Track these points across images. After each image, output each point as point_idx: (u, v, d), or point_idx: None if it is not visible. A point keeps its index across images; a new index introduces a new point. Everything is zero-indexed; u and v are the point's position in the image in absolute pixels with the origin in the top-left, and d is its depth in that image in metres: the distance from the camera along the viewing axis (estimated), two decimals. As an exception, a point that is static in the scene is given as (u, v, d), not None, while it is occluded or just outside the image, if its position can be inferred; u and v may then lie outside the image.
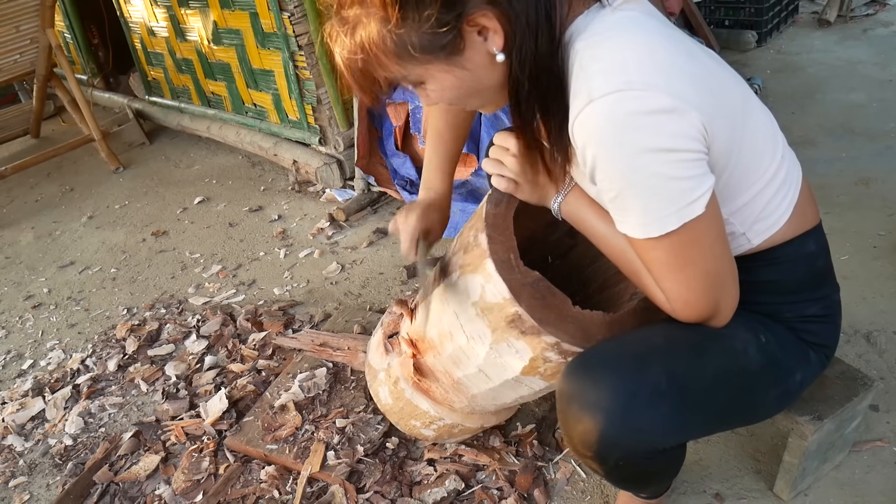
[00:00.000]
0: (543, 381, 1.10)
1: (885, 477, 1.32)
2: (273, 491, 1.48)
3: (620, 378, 0.90)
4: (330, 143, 2.82)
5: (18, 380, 2.06)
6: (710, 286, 0.89)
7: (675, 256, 0.86)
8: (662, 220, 0.83)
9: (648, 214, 0.83)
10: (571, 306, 1.00)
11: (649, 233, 0.84)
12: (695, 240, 0.85)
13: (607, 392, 0.89)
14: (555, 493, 1.40)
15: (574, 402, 0.91)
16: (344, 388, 1.70)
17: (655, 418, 0.90)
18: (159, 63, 3.62)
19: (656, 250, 0.86)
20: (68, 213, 3.25)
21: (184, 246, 2.71)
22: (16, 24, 3.18)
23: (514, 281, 0.99)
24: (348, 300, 2.15)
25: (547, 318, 0.98)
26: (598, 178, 0.84)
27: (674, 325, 0.95)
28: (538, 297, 0.99)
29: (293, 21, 2.51)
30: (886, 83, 2.99)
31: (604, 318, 1.01)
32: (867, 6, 3.98)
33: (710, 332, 0.96)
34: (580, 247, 1.32)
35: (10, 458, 1.75)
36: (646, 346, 0.95)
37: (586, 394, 0.90)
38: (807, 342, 1.05)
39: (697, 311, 0.90)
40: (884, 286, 1.79)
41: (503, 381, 1.12)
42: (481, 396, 1.22)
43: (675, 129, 0.78)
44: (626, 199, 0.84)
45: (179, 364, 1.94)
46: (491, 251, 1.01)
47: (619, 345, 0.96)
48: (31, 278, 2.69)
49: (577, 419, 0.91)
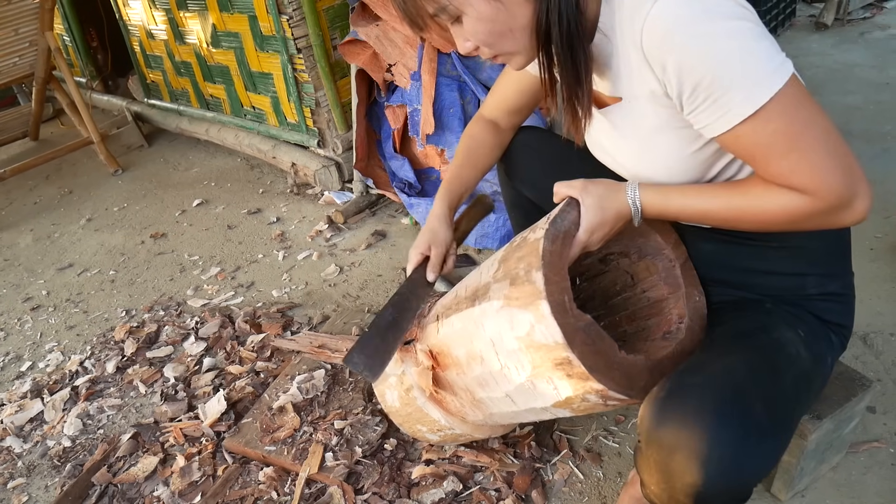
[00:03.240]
0: (571, 412, 1.08)
1: (881, 478, 1.33)
2: (271, 492, 1.48)
3: (727, 423, 0.84)
4: (328, 145, 2.83)
5: (17, 381, 2.06)
6: (835, 148, 0.84)
7: (792, 121, 0.83)
8: (767, 81, 0.81)
9: (751, 79, 0.81)
10: (618, 351, 0.99)
11: (758, 100, 0.82)
12: (800, 100, 0.83)
13: (717, 440, 0.83)
14: (552, 494, 1.40)
15: (679, 453, 0.85)
16: (342, 389, 1.70)
17: (763, 456, 0.86)
18: (158, 66, 3.63)
19: (771, 122, 0.83)
20: (67, 215, 3.25)
21: (182, 248, 2.72)
22: (15, 27, 3.19)
23: (567, 326, 0.96)
24: (347, 302, 2.15)
25: (597, 365, 0.96)
26: (688, 70, 0.83)
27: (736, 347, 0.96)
28: (589, 342, 0.97)
29: (292, 24, 2.52)
30: (883, 86, 3.00)
31: (646, 364, 1.00)
32: (864, 9, 4.00)
33: (771, 345, 0.96)
34: (611, 273, 1.29)
35: (9, 459, 1.75)
36: (733, 378, 0.90)
37: (693, 443, 0.84)
38: (828, 324, 1.07)
39: (837, 178, 0.85)
40: (881, 288, 1.80)
41: (529, 409, 1.11)
42: (500, 416, 1.20)
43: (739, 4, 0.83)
44: (724, 73, 0.82)
45: (178, 366, 1.95)
46: (547, 293, 0.97)
47: (707, 381, 0.90)
48: (29, 280, 2.69)
49: (683, 471, 0.85)
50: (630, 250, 1.23)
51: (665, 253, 1.16)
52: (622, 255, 1.26)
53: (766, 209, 0.91)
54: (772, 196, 0.90)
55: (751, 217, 0.94)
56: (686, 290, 1.12)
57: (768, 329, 1.01)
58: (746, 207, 0.93)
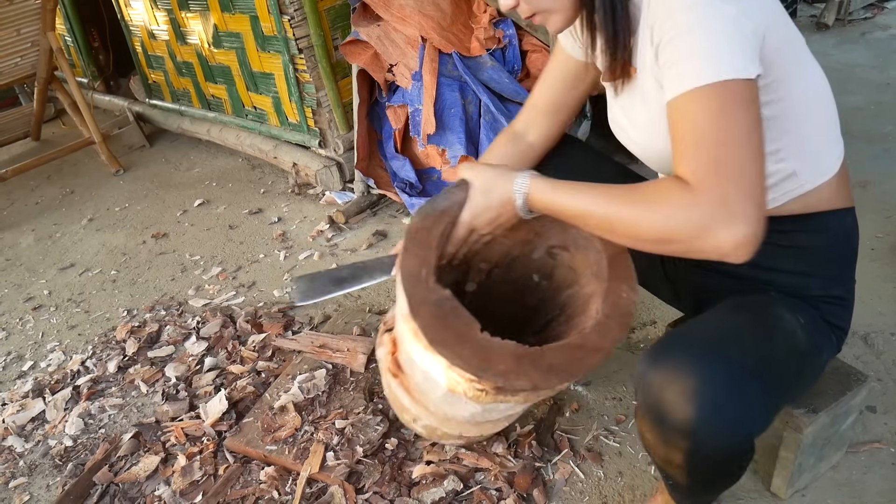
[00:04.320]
0: (472, 402, 1.05)
1: (882, 478, 1.33)
2: (272, 491, 1.48)
3: (714, 363, 0.86)
4: (330, 145, 2.83)
5: (19, 381, 2.06)
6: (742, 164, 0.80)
7: (717, 118, 0.81)
8: (720, 65, 0.81)
9: (710, 56, 0.81)
10: (478, 331, 0.97)
11: (703, 78, 0.81)
12: (738, 109, 0.81)
13: (705, 378, 0.85)
14: (553, 493, 1.40)
15: (669, 390, 0.87)
16: (343, 389, 1.71)
17: (750, 401, 0.87)
18: (160, 66, 3.64)
19: (703, 102, 0.81)
20: (68, 215, 3.26)
21: (184, 248, 2.72)
22: (17, 28, 3.19)
23: (416, 296, 0.98)
24: (348, 302, 2.16)
25: (442, 339, 0.95)
26: (670, 24, 0.85)
27: (730, 310, 0.97)
28: (439, 316, 0.97)
29: (293, 24, 2.52)
30: (884, 86, 3.00)
31: (515, 350, 0.96)
32: (865, 10, 3.99)
33: (768, 315, 0.97)
34: (559, 270, 1.27)
35: (11, 458, 1.75)
36: (721, 332, 0.93)
37: (682, 381, 0.86)
38: (828, 323, 1.07)
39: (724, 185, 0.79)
40: (881, 288, 1.80)
41: (442, 394, 1.08)
42: (439, 404, 1.17)
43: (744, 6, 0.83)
44: (695, 39, 0.83)
45: (179, 365, 1.95)
46: (402, 263, 1.00)
47: (696, 332, 0.94)
48: (31, 280, 2.69)
49: (673, 408, 0.87)
50: (568, 243, 1.20)
51: (594, 244, 1.11)
52: (563, 249, 1.22)
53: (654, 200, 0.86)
54: (654, 194, 0.86)
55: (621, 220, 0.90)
56: (609, 283, 1.06)
57: (768, 304, 1.02)
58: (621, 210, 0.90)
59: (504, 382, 0.93)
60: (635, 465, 1.44)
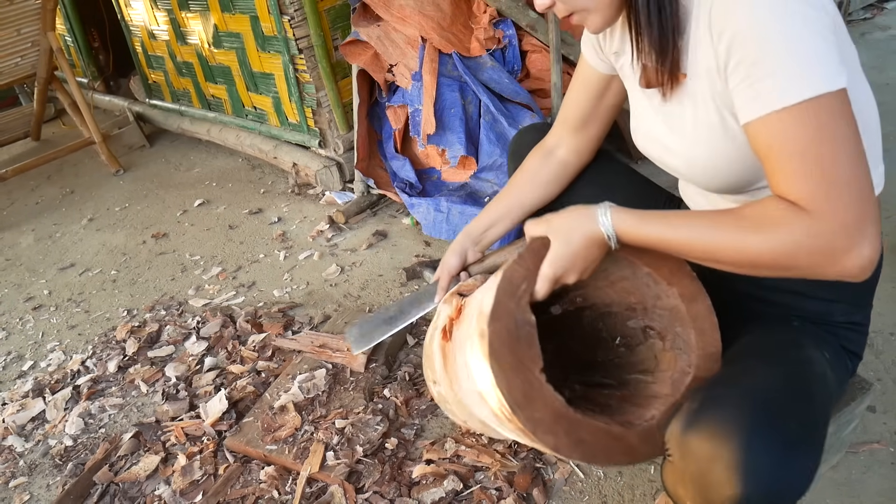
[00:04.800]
0: (493, 418, 1.02)
1: (882, 477, 1.33)
2: (272, 491, 1.48)
3: (766, 434, 0.80)
4: (330, 145, 2.83)
5: (19, 381, 2.06)
6: (857, 176, 0.75)
7: (821, 130, 0.75)
8: (809, 80, 0.75)
9: (795, 72, 0.75)
10: (537, 370, 0.92)
11: (791, 96, 0.75)
12: (840, 116, 0.75)
13: (756, 451, 0.79)
14: (553, 493, 1.40)
15: (717, 464, 0.80)
16: (343, 389, 1.71)
17: (801, 471, 0.82)
18: (160, 66, 3.64)
19: (798, 122, 0.76)
20: (68, 215, 3.26)
21: (184, 248, 2.72)
22: (17, 28, 3.20)
23: (503, 304, 0.93)
24: (348, 302, 2.16)
25: (502, 357, 0.90)
26: (739, 42, 0.79)
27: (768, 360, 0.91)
28: (513, 335, 0.92)
29: (293, 24, 2.53)
30: (884, 86, 3.00)
31: (558, 406, 0.91)
32: (865, 10, 4.00)
33: (802, 361, 0.92)
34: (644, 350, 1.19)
35: (11, 458, 1.75)
36: (768, 391, 0.86)
37: (729, 454, 0.79)
38: (846, 351, 1.05)
39: (846, 205, 0.74)
40: (880, 289, 1.78)
41: (473, 391, 1.05)
42: (466, 394, 1.15)
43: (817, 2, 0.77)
44: (773, 55, 0.76)
45: (179, 365, 1.95)
46: (507, 270, 0.95)
47: (742, 392, 0.86)
48: (31, 280, 2.69)
49: (722, 483, 0.80)
50: (667, 334, 1.12)
51: (691, 357, 1.04)
52: (659, 337, 1.14)
53: (759, 226, 0.81)
54: (764, 219, 0.81)
55: (737, 241, 0.83)
56: (679, 401, 1.00)
57: (798, 346, 0.97)
58: (734, 225, 0.84)
59: (531, 429, 0.89)
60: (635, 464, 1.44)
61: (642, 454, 0.94)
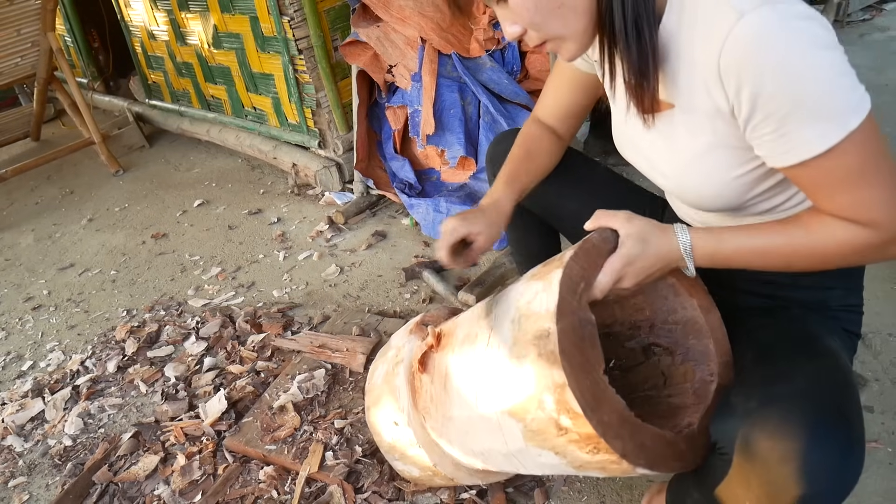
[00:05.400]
0: (521, 437, 0.98)
1: (880, 477, 1.33)
2: (272, 491, 1.48)
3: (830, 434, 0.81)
4: (329, 146, 2.84)
5: (18, 381, 2.07)
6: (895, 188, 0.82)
7: (863, 156, 0.80)
8: (843, 119, 0.77)
9: (828, 117, 0.77)
10: (601, 371, 0.90)
11: (831, 139, 0.78)
12: (873, 135, 0.80)
13: (822, 451, 0.80)
14: (552, 493, 1.40)
15: (785, 465, 0.80)
16: (342, 389, 1.71)
17: (858, 464, 0.83)
18: (159, 66, 3.64)
19: (843, 157, 0.79)
20: (68, 215, 3.26)
21: (183, 248, 2.72)
22: (17, 28, 3.20)
23: (566, 302, 0.90)
24: (347, 302, 2.16)
25: (570, 353, 0.88)
26: (766, 96, 0.78)
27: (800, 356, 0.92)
28: (577, 334, 0.90)
29: (293, 25, 2.53)
30: (882, 87, 3.01)
31: (622, 409, 0.89)
32: (864, 11, 4.01)
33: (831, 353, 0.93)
34: (646, 369, 1.19)
35: (10, 458, 1.76)
36: (821, 388, 0.86)
37: (799, 455, 0.79)
38: (848, 333, 1.07)
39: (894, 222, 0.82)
40: (878, 289, 1.81)
41: (486, 412, 1.03)
42: (457, 422, 1.13)
43: (826, 29, 0.77)
44: (801, 107, 0.77)
45: (179, 365, 1.95)
46: (567, 266, 0.92)
47: (798, 391, 0.86)
48: (30, 280, 2.69)
49: (789, 483, 0.80)
50: (677, 349, 1.12)
51: (710, 366, 1.05)
52: (667, 352, 1.14)
53: (827, 244, 0.87)
54: (832, 230, 0.86)
55: (809, 253, 0.88)
56: (710, 406, 0.99)
57: (819, 337, 0.98)
58: (807, 243, 0.88)
59: (602, 432, 0.86)
60: (633, 464, 1.44)
61: (691, 460, 0.93)
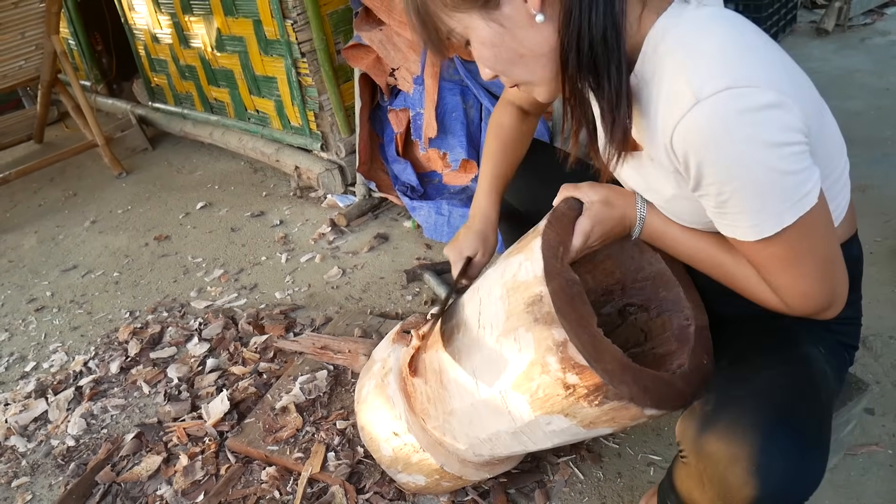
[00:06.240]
0: (529, 409, 1.01)
1: (880, 479, 1.34)
2: (274, 491, 1.49)
3: (783, 435, 0.82)
4: (332, 149, 2.85)
5: (21, 381, 2.07)
6: (826, 274, 0.87)
7: (791, 251, 0.84)
8: (778, 217, 0.80)
9: (764, 213, 0.80)
10: (594, 324, 0.94)
11: (764, 232, 0.82)
12: (809, 231, 0.83)
13: (774, 452, 0.81)
14: (553, 494, 1.41)
15: (737, 465, 0.82)
16: (344, 390, 1.71)
17: (815, 469, 0.84)
18: (163, 69, 3.65)
19: (771, 247, 0.84)
20: (71, 217, 3.27)
21: (186, 250, 2.73)
22: (21, 31, 3.22)
23: (551, 265, 0.95)
24: (349, 304, 2.17)
25: (565, 311, 0.91)
26: (707, 182, 0.82)
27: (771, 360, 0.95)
28: (566, 293, 0.94)
29: (296, 28, 2.54)
30: (884, 91, 3.02)
31: (621, 357, 0.93)
32: (865, 15, 4.01)
33: (803, 360, 0.95)
34: (625, 330, 1.23)
35: (13, 458, 1.76)
36: (780, 391, 0.88)
37: (751, 456, 0.81)
38: (843, 345, 1.07)
39: (816, 301, 0.88)
40: (880, 292, 1.81)
41: (488, 395, 1.05)
42: (459, 413, 1.14)
43: (785, 122, 0.76)
44: (740, 200, 0.81)
45: (181, 366, 1.96)
46: (544, 234, 0.97)
47: (755, 393, 0.88)
48: (34, 282, 2.70)
49: (741, 484, 0.82)
50: (651, 304, 1.17)
51: (685, 311, 1.11)
52: (642, 309, 1.20)
53: (744, 282, 0.94)
54: (755, 277, 0.92)
55: (728, 277, 0.96)
56: (694, 346, 1.05)
57: (797, 344, 1.00)
58: (730, 270, 0.95)
59: (608, 380, 0.89)
60: (634, 466, 1.45)
61: (688, 397, 0.97)
